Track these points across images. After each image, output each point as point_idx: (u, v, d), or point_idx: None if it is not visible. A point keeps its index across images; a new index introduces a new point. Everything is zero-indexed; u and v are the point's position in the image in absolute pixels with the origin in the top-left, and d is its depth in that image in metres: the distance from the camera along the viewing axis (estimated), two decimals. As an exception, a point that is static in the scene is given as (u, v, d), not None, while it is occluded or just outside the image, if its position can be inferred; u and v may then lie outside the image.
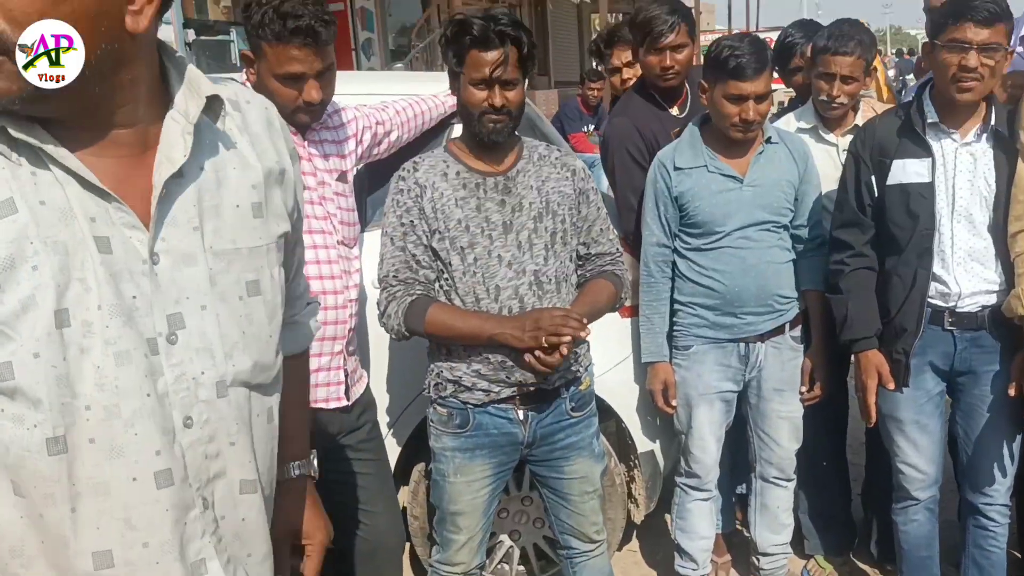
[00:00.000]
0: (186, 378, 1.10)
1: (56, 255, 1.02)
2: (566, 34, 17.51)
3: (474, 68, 2.21)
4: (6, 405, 1.02)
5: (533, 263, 2.29)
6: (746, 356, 2.87)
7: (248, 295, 1.17)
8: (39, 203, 1.02)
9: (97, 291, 1.04)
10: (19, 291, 1.00)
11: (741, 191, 2.75)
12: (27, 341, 1.00)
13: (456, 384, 2.33)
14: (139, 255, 1.07)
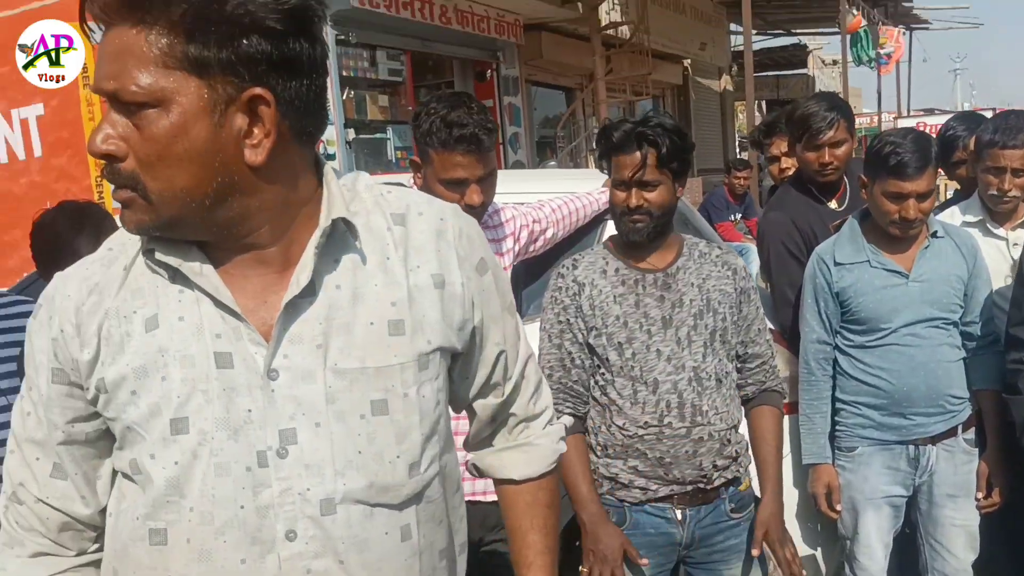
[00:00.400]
0: (292, 492, 1.12)
1: (183, 368, 1.11)
2: (709, 122, 17.53)
3: (615, 170, 2.28)
4: (131, 495, 1.16)
5: (692, 359, 2.28)
6: (916, 459, 2.73)
7: (372, 414, 1.15)
8: (178, 319, 1.12)
9: (212, 404, 1.11)
10: (149, 397, 1.11)
11: (907, 287, 2.66)
12: (150, 444, 1.12)
13: (612, 481, 2.31)
14: (258, 371, 1.12)
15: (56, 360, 1.15)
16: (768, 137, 4.00)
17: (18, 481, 1.20)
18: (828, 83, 22.77)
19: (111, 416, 1.14)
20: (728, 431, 2.30)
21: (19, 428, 1.20)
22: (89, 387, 1.14)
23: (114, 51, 1.03)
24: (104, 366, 1.12)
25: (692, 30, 14.56)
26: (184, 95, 1.03)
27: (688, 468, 2.25)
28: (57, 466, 1.19)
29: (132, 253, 1.16)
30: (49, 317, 1.16)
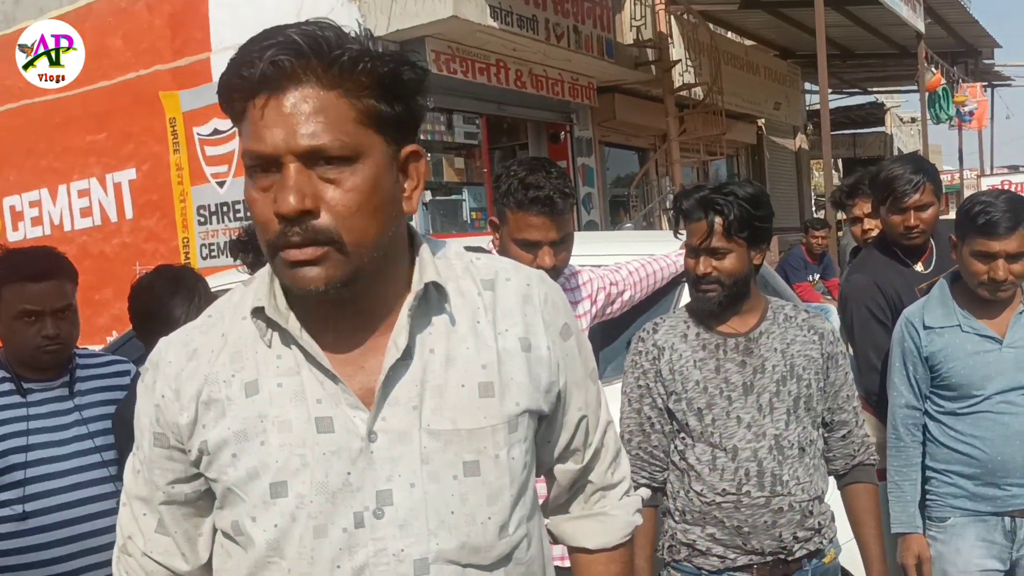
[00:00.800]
0: (387, 553, 1.13)
1: (281, 433, 1.13)
2: (784, 181, 17.37)
3: (687, 237, 2.28)
4: (236, 554, 1.20)
5: (774, 427, 2.23)
6: (1012, 532, 2.60)
7: (464, 475, 1.16)
8: (276, 385, 1.15)
9: (311, 468, 1.13)
10: (248, 461, 1.14)
11: (1001, 352, 2.57)
12: (251, 507, 1.16)
13: (690, 548, 2.26)
14: (359, 434, 1.14)
15: (157, 424, 1.20)
16: (851, 198, 3.92)
17: (128, 534, 1.28)
18: (906, 141, 22.43)
19: (213, 477, 1.18)
20: (810, 502, 2.24)
21: (129, 484, 1.27)
22: (191, 449, 1.18)
23: (309, 111, 1.06)
24: (205, 429, 1.16)
25: (766, 90, 14.53)
26: (376, 150, 1.10)
27: (767, 539, 2.20)
28: (161, 522, 1.25)
29: (229, 319, 1.21)
30: (153, 382, 1.21)
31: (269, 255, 1.10)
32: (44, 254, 2.39)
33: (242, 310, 1.19)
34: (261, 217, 1.08)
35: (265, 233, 1.09)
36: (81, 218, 9.45)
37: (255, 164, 1.08)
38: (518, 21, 8.08)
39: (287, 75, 1.06)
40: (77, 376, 2.42)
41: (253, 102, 1.07)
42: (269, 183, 1.07)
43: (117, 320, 8.54)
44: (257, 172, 1.08)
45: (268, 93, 1.06)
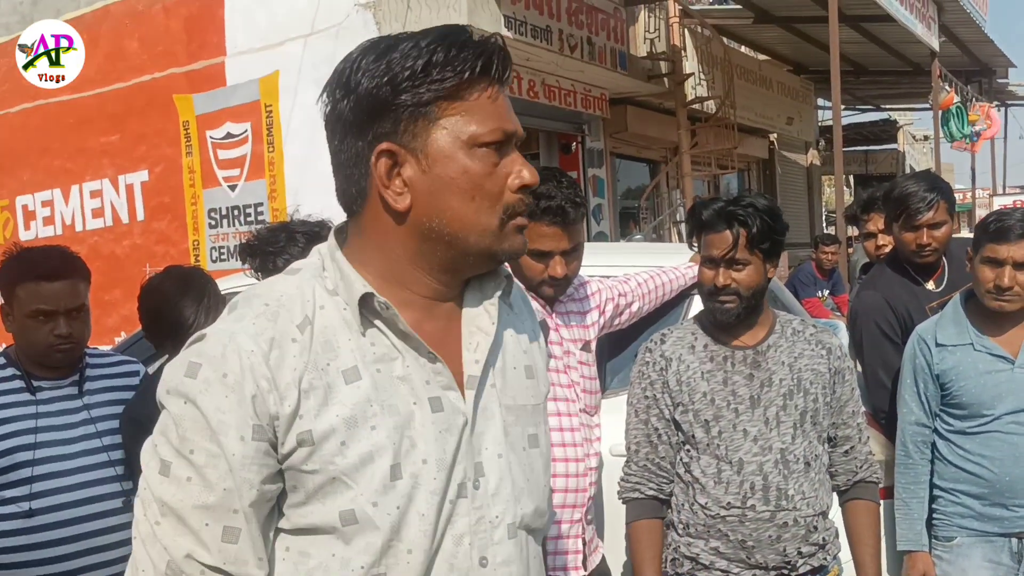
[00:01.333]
0: (484, 521, 1.21)
1: (391, 416, 1.15)
2: (795, 196, 17.33)
3: (705, 248, 2.27)
4: (338, 550, 1.14)
5: (780, 441, 2.22)
6: (1019, 553, 2.59)
7: (529, 447, 1.29)
8: (376, 371, 1.16)
9: (424, 447, 1.16)
10: (359, 447, 1.13)
11: (1013, 372, 2.56)
12: (365, 491, 1.13)
13: (693, 561, 2.25)
14: (462, 411, 1.20)
15: (256, 416, 1.11)
16: (866, 213, 3.87)
17: (183, 553, 1.11)
18: (919, 159, 22.37)
19: (311, 469, 1.12)
20: (815, 517, 2.23)
21: (173, 496, 1.11)
22: (286, 442, 1.12)
23: (508, 106, 1.20)
24: (307, 419, 1.12)
25: (779, 105, 14.51)
26: None
27: (771, 553, 2.19)
28: (228, 530, 1.12)
29: (299, 308, 1.16)
30: (223, 375, 1.10)
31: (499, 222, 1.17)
32: (58, 253, 2.40)
33: (318, 299, 1.17)
34: (497, 188, 1.16)
35: (502, 201, 1.17)
36: (93, 219, 9.51)
37: (499, 140, 1.16)
38: (532, 31, 8.09)
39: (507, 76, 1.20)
40: (87, 375, 2.43)
41: (485, 89, 1.16)
42: (496, 160, 1.16)
43: (126, 320, 8.58)
44: (492, 149, 1.16)
45: (499, 87, 1.18)
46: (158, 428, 1.15)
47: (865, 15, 10.63)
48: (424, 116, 1.13)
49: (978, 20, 12.64)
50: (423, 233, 1.17)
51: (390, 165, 1.15)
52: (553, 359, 2.44)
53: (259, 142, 8.30)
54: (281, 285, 1.19)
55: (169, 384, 1.13)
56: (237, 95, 8.32)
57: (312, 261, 1.23)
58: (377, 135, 1.15)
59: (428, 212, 1.16)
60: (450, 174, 1.14)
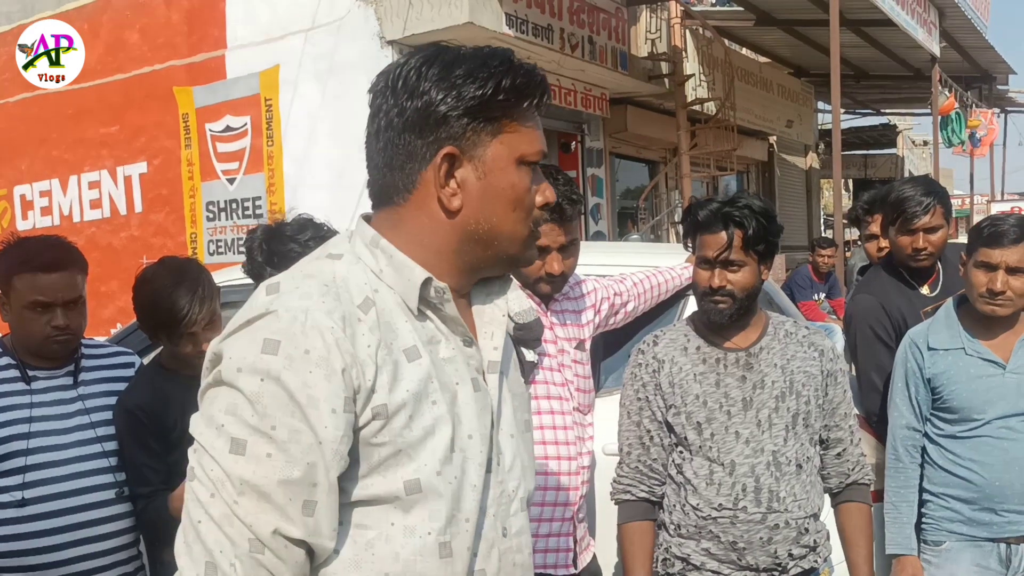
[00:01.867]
0: (504, 494, 1.31)
1: (447, 392, 1.24)
2: (794, 200, 17.35)
3: (700, 249, 2.27)
4: (397, 519, 1.19)
5: (772, 443, 2.23)
6: (1008, 559, 2.59)
7: (525, 431, 1.42)
8: (428, 351, 1.24)
9: (468, 424, 1.25)
10: (423, 421, 1.20)
11: (1003, 377, 2.57)
12: (430, 462, 1.19)
13: (684, 562, 2.26)
14: (492, 393, 1.31)
15: (346, 389, 1.14)
16: (869, 214, 3.84)
17: (271, 529, 1.12)
18: (918, 164, 22.39)
19: (381, 441, 1.17)
20: (806, 519, 2.24)
21: (254, 473, 1.11)
22: (362, 413, 1.16)
23: None
24: (381, 393, 1.17)
25: (779, 107, 14.53)
26: None
27: (762, 555, 2.20)
28: (308, 503, 1.14)
29: (356, 290, 1.21)
30: (306, 351, 1.12)
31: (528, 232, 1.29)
32: (56, 244, 2.40)
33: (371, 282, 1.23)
34: (531, 204, 1.28)
35: (529, 217, 1.29)
36: (91, 210, 9.51)
37: (538, 161, 1.30)
38: (533, 30, 8.10)
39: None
40: (82, 366, 2.43)
41: (535, 115, 1.29)
42: (531, 177, 1.28)
43: (122, 312, 8.57)
44: (530, 168, 1.28)
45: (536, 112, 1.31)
46: (221, 408, 1.13)
47: (866, 19, 10.65)
48: (488, 130, 1.23)
49: (979, 26, 12.65)
50: (467, 233, 1.26)
51: (449, 167, 1.23)
52: (547, 357, 2.45)
53: (258, 136, 8.30)
54: (330, 267, 1.23)
55: (242, 362, 1.13)
56: (237, 88, 8.32)
57: (346, 247, 1.28)
58: (440, 138, 1.22)
59: (476, 215, 1.25)
60: (501, 185, 1.25)
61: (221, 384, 1.15)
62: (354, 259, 1.25)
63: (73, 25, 8.62)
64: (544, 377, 2.43)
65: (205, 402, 1.17)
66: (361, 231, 1.28)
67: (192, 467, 1.16)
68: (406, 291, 1.24)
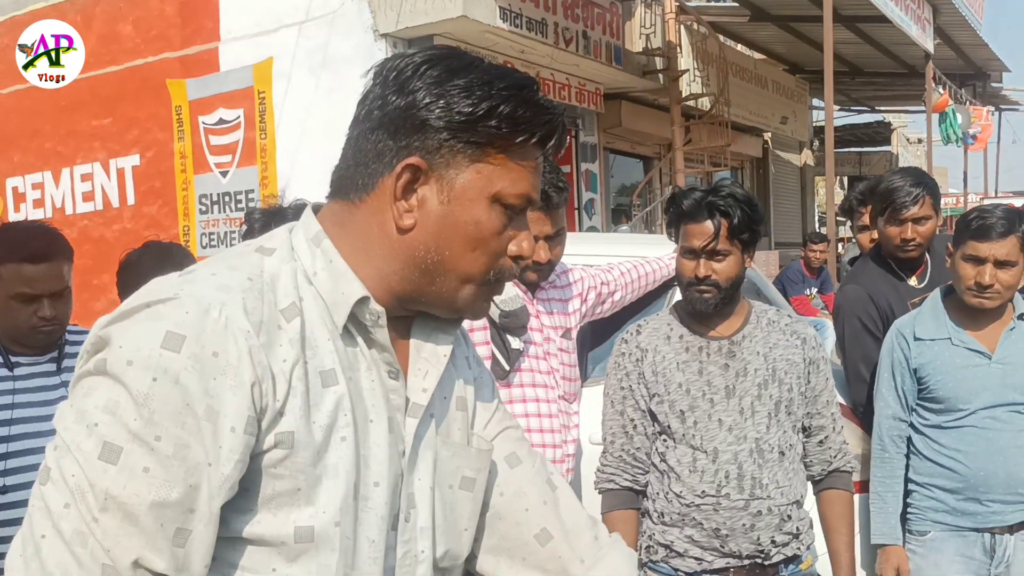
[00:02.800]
0: (411, 555, 1.14)
1: (359, 429, 1.07)
2: (788, 196, 17.37)
3: (684, 239, 2.26)
4: (280, 566, 1.02)
5: (755, 430, 2.23)
6: (992, 549, 2.60)
7: (459, 488, 1.20)
8: (348, 378, 1.07)
9: (377, 468, 1.08)
10: (329, 459, 1.04)
11: (989, 368, 2.57)
12: (329, 509, 1.03)
13: (668, 549, 2.26)
14: (407, 438, 1.13)
15: (252, 408, 0.98)
16: (863, 205, 3.80)
17: (132, 558, 0.94)
18: (912, 161, 22.42)
19: (279, 474, 1.01)
20: (789, 506, 2.24)
21: (123, 489, 0.94)
22: (264, 438, 1.00)
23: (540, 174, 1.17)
24: (289, 418, 1.01)
25: (773, 104, 14.53)
26: None
27: (745, 542, 2.20)
28: (180, 532, 0.96)
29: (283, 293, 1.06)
30: (214, 354, 0.96)
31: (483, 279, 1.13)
32: (42, 233, 2.37)
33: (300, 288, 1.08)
34: (499, 250, 1.12)
35: (491, 264, 1.12)
36: (83, 202, 9.48)
37: (521, 206, 1.13)
38: (527, 24, 8.09)
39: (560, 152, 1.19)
40: (66, 352, 2.41)
41: (534, 156, 1.13)
42: (506, 222, 1.12)
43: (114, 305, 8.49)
44: (510, 212, 1.12)
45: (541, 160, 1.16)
46: (98, 403, 0.95)
47: (860, 15, 10.65)
48: (467, 153, 1.08)
49: (973, 23, 12.67)
50: (413, 258, 1.10)
51: (410, 180, 1.08)
52: (533, 345, 2.45)
53: (251, 129, 8.28)
54: (259, 261, 1.08)
55: (135, 354, 0.94)
56: (230, 81, 8.30)
57: (282, 240, 1.12)
58: (411, 146, 1.07)
59: (427, 241, 1.09)
60: (464, 217, 1.08)
61: (104, 375, 0.96)
62: (288, 255, 1.09)
63: (66, 18, 8.60)
64: (530, 365, 2.43)
65: (78, 392, 0.98)
66: (306, 224, 1.13)
67: (48, 467, 0.96)
68: (336, 304, 1.08)
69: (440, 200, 1.08)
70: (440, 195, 1.08)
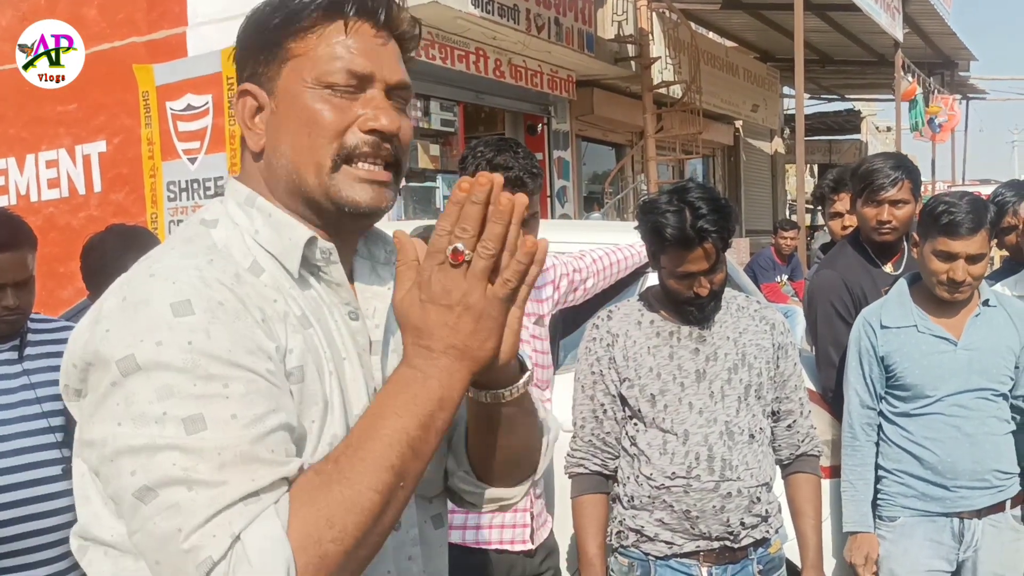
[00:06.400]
0: None
1: (336, 367, 1.11)
2: (759, 184, 17.48)
3: (674, 263, 2.19)
4: None
5: (725, 413, 2.24)
6: (960, 533, 2.63)
7: None
8: (316, 320, 1.11)
9: (358, 404, 1.12)
10: (322, 395, 1.08)
11: (955, 354, 2.59)
12: (322, 445, 1.05)
13: (638, 534, 2.27)
14: (376, 374, 1.16)
15: (271, 339, 1.03)
16: (835, 192, 3.82)
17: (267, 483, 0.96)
18: (882, 149, 22.58)
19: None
20: (758, 488, 2.26)
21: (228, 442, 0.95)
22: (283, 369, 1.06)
23: (395, 50, 1.16)
24: (296, 354, 1.06)
25: (744, 92, 14.59)
26: None
27: (715, 523, 2.21)
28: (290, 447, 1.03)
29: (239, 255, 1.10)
30: (220, 303, 1.00)
31: (331, 167, 1.11)
32: (5, 220, 2.32)
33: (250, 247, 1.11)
34: (334, 126, 1.10)
35: (332, 142, 1.10)
36: (48, 189, 9.32)
37: (347, 83, 1.11)
38: (499, 10, 8.05)
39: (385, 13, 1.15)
40: (28, 340, 2.37)
41: (346, 24, 1.12)
42: (344, 103, 1.11)
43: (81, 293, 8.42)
44: (339, 91, 1.11)
45: (364, 21, 1.13)
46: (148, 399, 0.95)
47: (831, 3, 10.71)
48: (277, 57, 1.13)
49: (942, 12, 12.77)
50: (275, 172, 1.13)
51: (255, 107, 1.14)
52: (505, 332, 2.43)
53: (220, 115, 8.16)
54: (206, 233, 1.12)
55: (156, 336, 0.95)
56: (199, 66, 8.17)
57: (219, 211, 1.15)
58: (243, 76, 1.16)
59: (276, 150, 1.13)
60: (292, 112, 1.11)
61: (135, 373, 0.96)
62: (230, 223, 1.13)
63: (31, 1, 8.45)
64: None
65: (115, 408, 0.96)
66: (233, 189, 1.16)
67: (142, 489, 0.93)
68: (286, 252, 1.11)
69: (272, 110, 1.13)
70: (272, 106, 1.13)
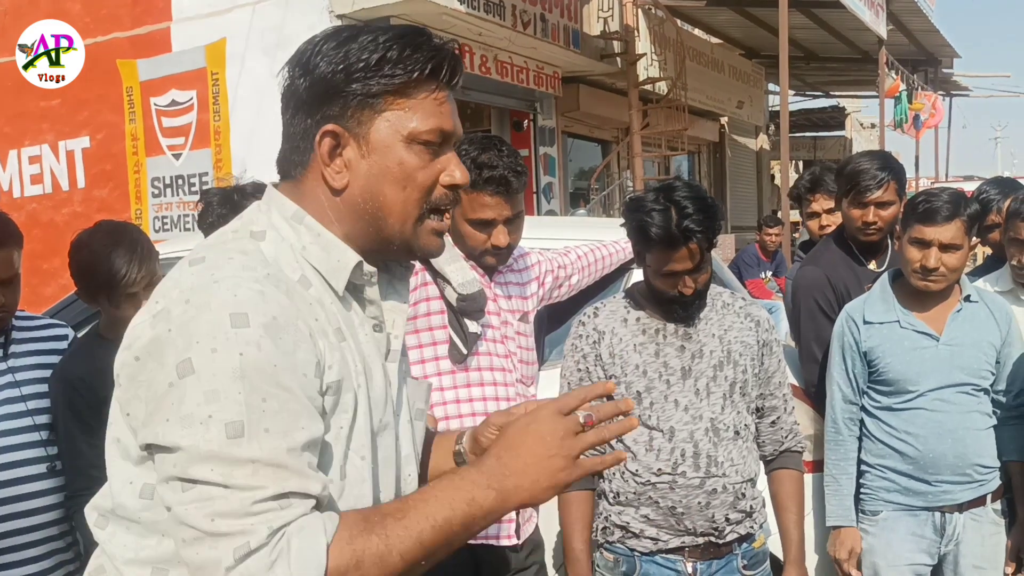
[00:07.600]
0: (401, 481, 1.31)
1: (368, 380, 1.23)
2: (744, 180, 17.54)
3: (660, 262, 2.19)
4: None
5: (710, 410, 2.26)
6: (942, 527, 2.65)
7: (415, 419, 1.39)
8: (352, 335, 1.23)
9: (383, 409, 1.26)
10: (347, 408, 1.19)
11: (937, 349, 2.62)
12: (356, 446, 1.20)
13: (624, 530, 2.28)
14: (393, 380, 1.31)
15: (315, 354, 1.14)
16: (812, 192, 3.85)
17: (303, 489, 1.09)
18: (866, 146, 22.71)
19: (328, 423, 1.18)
20: (743, 484, 2.27)
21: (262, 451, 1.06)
22: (322, 386, 1.16)
23: (453, 109, 1.27)
24: (335, 369, 1.17)
25: (730, 88, 14.64)
26: None
27: (700, 519, 2.23)
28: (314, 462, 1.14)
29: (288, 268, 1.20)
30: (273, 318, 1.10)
31: (416, 219, 1.24)
32: None
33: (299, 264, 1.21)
34: (427, 183, 1.23)
35: (424, 197, 1.24)
36: (31, 185, 9.27)
37: (438, 140, 1.24)
38: (485, 6, 8.04)
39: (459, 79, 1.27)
40: (13, 338, 2.37)
41: (432, 90, 1.23)
42: (430, 157, 1.24)
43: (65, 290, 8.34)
44: (431, 147, 1.23)
45: (446, 91, 1.25)
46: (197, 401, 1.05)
47: (815, 1, 10.74)
48: (370, 106, 1.20)
49: (925, 10, 12.84)
50: (356, 211, 1.23)
51: (333, 145, 1.21)
52: (491, 329, 2.44)
53: (205, 110, 8.14)
54: (256, 247, 1.20)
55: (214, 343, 1.05)
56: (183, 62, 8.15)
57: (266, 223, 1.23)
58: (325, 116, 1.20)
59: (362, 193, 1.22)
60: (386, 163, 1.21)
61: (189, 375, 1.06)
62: (277, 237, 1.22)
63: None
64: (487, 348, 2.43)
65: (167, 409, 1.07)
66: (280, 204, 1.25)
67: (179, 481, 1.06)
68: (334, 272, 1.22)
69: (362, 155, 1.21)
70: (361, 151, 1.21)
